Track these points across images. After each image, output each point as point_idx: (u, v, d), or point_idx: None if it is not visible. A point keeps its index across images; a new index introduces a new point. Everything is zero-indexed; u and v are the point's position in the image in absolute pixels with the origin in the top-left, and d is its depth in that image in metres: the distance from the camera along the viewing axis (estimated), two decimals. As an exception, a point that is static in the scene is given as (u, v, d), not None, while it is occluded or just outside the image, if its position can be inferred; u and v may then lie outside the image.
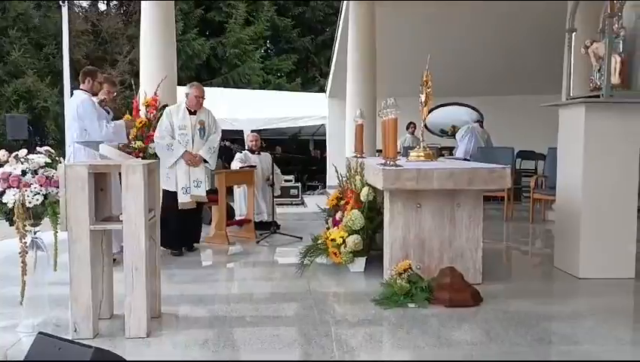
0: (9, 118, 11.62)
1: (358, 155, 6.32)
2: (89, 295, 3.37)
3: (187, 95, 5.98)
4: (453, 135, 12.86)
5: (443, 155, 9.99)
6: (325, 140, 15.00)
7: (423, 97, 5.30)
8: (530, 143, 11.62)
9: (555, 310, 4.09)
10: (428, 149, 5.33)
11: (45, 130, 16.33)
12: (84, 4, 18.60)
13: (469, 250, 4.58)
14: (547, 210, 8.25)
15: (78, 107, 5.32)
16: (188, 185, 5.87)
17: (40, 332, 2.84)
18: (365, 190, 5.02)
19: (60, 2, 14.32)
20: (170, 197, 5.83)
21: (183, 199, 5.85)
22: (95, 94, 5.54)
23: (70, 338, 3.31)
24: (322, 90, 15.81)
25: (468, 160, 9.11)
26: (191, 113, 5.95)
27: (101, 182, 3.68)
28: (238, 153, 7.53)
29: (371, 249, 5.17)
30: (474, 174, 4.39)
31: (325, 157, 15.07)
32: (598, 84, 4.91)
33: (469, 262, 4.58)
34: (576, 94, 5.13)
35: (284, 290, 4.56)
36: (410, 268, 4.23)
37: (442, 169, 4.41)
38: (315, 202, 9.39)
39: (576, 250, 4.90)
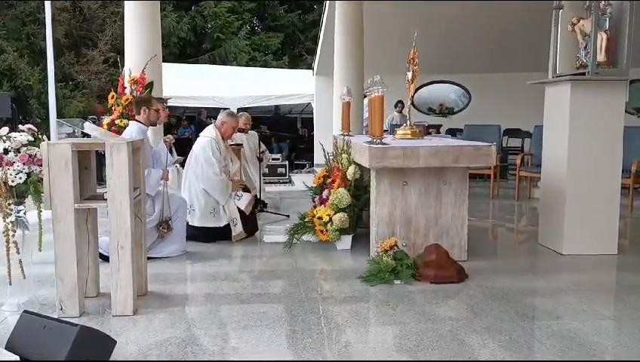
0: (-8, 96, 11.45)
1: (345, 133, 6.31)
2: (74, 273, 3.35)
3: (223, 123, 5.69)
4: (440, 113, 12.89)
5: (430, 133, 10.00)
6: (312, 118, 14.94)
7: (409, 75, 5.29)
8: (516, 121, 11.67)
9: (538, 286, 4.16)
10: (415, 127, 5.33)
11: (29, 109, 16.12)
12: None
13: (454, 227, 4.61)
14: (533, 187, 8.32)
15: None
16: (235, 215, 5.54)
17: (25, 311, 2.83)
18: (352, 168, 5.02)
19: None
20: (217, 234, 5.50)
21: (235, 231, 5.52)
22: (153, 124, 5.03)
23: (56, 316, 3.32)
24: (310, 67, 15.69)
25: None
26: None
27: (85, 160, 3.65)
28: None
29: (358, 227, 5.20)
30: (460, 152, 4.41)
31: (313, 135, 15.02)
32: (584, 61, 4.92)
33: (454, 239, 4.62)
34: (562, 72, 5.14)
35: (271, 268, 4.57)
36: (396, 245, 4.26)
37: (428, 147, 4.42)
38: (303, 180, 9.39)
39: (560, 227, 4.95)
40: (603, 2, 4.84)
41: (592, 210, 4.86)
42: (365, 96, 4.51)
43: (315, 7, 22.98)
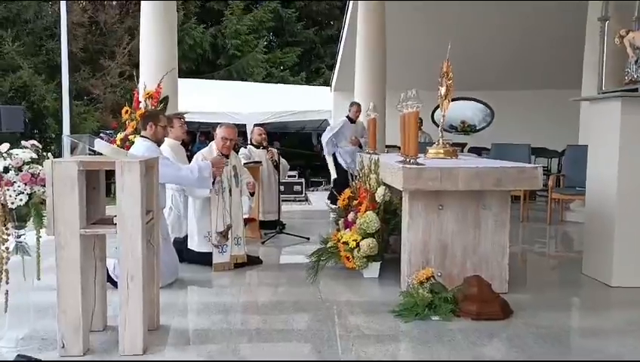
0: (4, 109, 11.21)
1: (372, 152, 5.94)
2: (79, 306, 3.00)
3: (215, 136, 5.31)
4: (463, 130, 12.49)
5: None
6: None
7: (443, 90, 4.94)
8: (542, 140, 11.23)
9: (590, 324, 3.74)
10: (448, 146, 4.96)
11: (45, 125, 15.88)
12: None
13: (494, 256, 4.21)
14: (565, 210, 7.89)
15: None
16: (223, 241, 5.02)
17: (19, 355, 2.48)
18: (381, 189, 4.65)
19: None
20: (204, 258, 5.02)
21: (218, 259, 4.95)
22: (159, 141, 4.62)
23: (58, 354, 2.97)
24: (326, 83, 15.38)
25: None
26: None
27: (93, 180, 3.31)
28: (242, 148, 7.14)
29: (385, 252, 4.81)
30: (502, 174, 4.02)
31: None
32: (635, 76, 4.53)
33: (494, 269, 4.21)
34: (607, 88, 4.75)
35: (293, 298, 4.19)
36: (433, 276, 3.86)
37: (468, 168, 4.04)
38: (320, 200, 9.05)
39: (608, 256, 4.53)
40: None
41: (646, 237, 4.44)
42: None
43: (332, 22, 22.77)
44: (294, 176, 12.87)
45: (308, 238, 6.34)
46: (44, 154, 3.19)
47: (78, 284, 2.99)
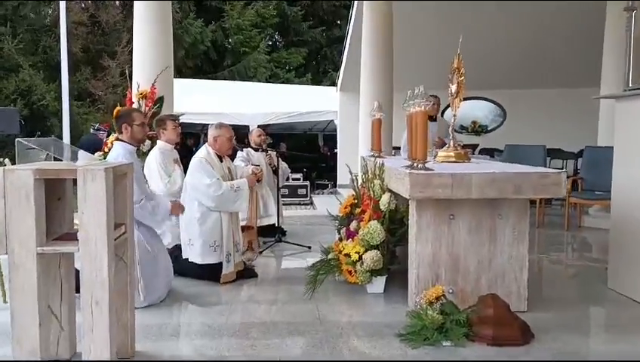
0: (-1, 111, 10.91)
1: (376, 154, 5.51)
2: (36, 336, 2.61)
3: (216, 138, 4.83)
4: (473, 131, 12.05)
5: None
6: (335, 136, 14.21)
7: (453, 87, 4.53)
8: (556, 141, 10.75)
9: (624, 350, 3.29)
10: (459, 148, 4.54)
11: (47, 127, 15.60)
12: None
13: (512, 271, 3.78)
14: (583, 215, 7.43)
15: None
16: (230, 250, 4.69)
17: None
18: (386, 197, 4.23)
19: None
20: (210, 271, 4.63)
21: (227, 269, 4.64)
22: (140, 141, 4.19)
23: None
24: (334, 84, 15.01)
25: None
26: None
27: (58, 189, 2.92)
28: (239, 151, 6.73)
29: (391, 264, 4.38)
30: (522, 180, 3.58)
31: (336, 153, 14.27)
32: (667, 71, 4.09)
33: (512, 285, 3.78)
34: (634, 84, 4.30)
35: (288, 318, 3.77)
36: (444, 295, 3.44)
37: (483, 173, 3.60)
38: (326, 204, 8.64)
39: (637, 268, 4.09)
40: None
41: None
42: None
43: (339, 22, 22.34)
44: (299, 179, 12.50)
45: (309, 247, 5.93)
46: (1, 160, 2.81)
47: (35, 311, 2.60)
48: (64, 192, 2.97)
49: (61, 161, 3.63)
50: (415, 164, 3.69)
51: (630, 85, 4.35)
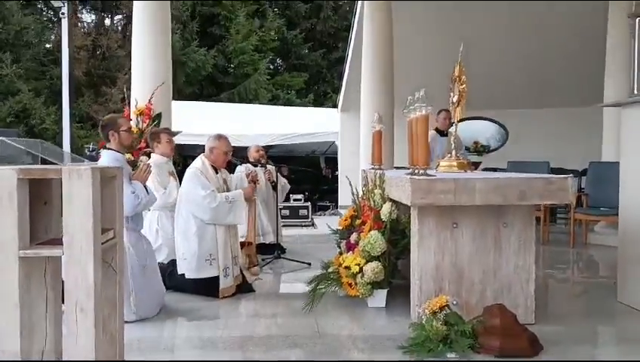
0: (-4, 133, 10.85)
1: (377, 166, 5.40)
2: (17, 349, 2.46)
3: (212, 149, 4.72)
4: (475, 151, 11.94)
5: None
6: (337, 158, 14.14)
7: (454, 97, 4.44)
8: (557, 159, 10.65)
9: (637, 362, 3.14)
10: (462, 158, 4.43)
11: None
12: (88, 19, 18.04)
13: (518, 281, 3.65)
14: (589, 232, 7.28)
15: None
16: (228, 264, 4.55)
17: None
18: (387, 206, 4.10)
19: (60, 15, 13.70)
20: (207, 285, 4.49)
21: (225, 284, 4.49)
22: (129, 146, 4.14)
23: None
24: (335, 106, 14.99)
25: None
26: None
27: (45, 192, 2.80)
28: (238, 166, 6.65)
29: (394, 278, 4.23)
30: (527, 186, 3.46)
31: (337, 176, 14.18)
32: (673, 76, 4.00)
33: (518, 296, 3.64)
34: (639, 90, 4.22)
35: (286, 331, 3.62)
36: (448, 305, 3.29)
37: (487, 179, 3.49)
38: (326, 223, 8.49)
39: (648, 281, 3.95)
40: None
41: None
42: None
43: (339, 45, 22.43)
44: (300, 200, 12.36)
45: (309, 264, 5.78)
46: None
47: (17, 319, 2.46)
48: (50, 197, 2.85)
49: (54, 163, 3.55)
50: (416, 171, 3.57)
51: (635, 92, 4.26)
